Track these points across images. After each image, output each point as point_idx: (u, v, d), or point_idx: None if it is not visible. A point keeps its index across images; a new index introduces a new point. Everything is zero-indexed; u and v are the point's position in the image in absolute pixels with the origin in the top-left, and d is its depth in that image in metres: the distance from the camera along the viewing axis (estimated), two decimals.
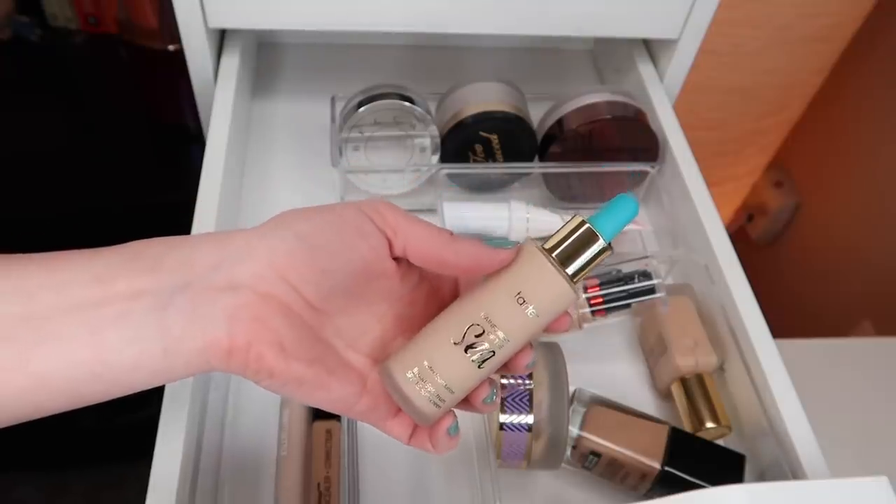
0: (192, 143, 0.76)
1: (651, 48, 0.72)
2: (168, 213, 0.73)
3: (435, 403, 0.33)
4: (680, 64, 0.69)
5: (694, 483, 0.47)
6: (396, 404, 0.34)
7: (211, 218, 0.53)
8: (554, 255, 0.33)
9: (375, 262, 0.32)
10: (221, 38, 0.67)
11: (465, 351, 0.32)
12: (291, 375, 0.30)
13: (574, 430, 0.48)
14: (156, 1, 0.95)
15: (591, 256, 0.33)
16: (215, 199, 0.55)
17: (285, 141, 0.70)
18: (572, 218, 0.33)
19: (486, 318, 0.32)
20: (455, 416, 0.34)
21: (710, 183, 0.61)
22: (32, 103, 0.97)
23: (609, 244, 0.33)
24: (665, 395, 0.55)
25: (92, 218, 0.94)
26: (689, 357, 0.53)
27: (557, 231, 0.33)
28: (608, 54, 0.80)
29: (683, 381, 0.53)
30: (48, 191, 0.92)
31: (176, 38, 0.79)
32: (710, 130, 1.14)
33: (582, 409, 0.49)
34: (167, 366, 0.29)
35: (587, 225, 0.33)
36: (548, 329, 0.34)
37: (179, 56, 0.65)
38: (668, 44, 0.68)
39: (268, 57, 0.78)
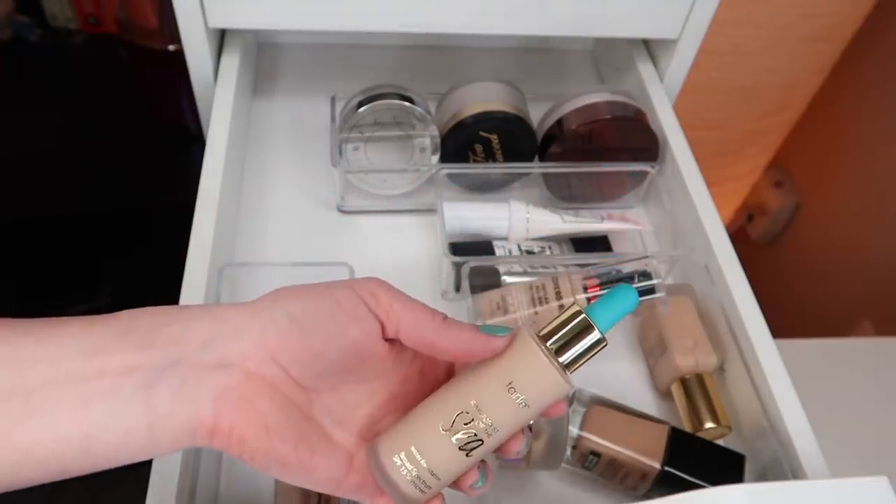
0: (192, 143, 0.76)
1: (651, 48, 0.72)
2: (168, 213, 0.73)
3: (420, 489, 0.32)
4: (680, 64, 0.69)
5: (694, 483, 0.47)
6: None
7: (211, 218, 0.53)
8: (548, 343, 0.32)
9: (368, 345, 0.32)
10: (221, 38, 0.67)
11: (453, 438, 0.32)
12: (274, 457, 0.30)
13: (574, 430, 0.48)
14: (156, 1, 0.95)
15: (585, 348, 0.32)
16: (215, 199, 0.55)
17: (285, 141, 0.70)
18: (569, 307, 0.33)
19: (475, 406, 0.32)
20: (443, 498, 0.33)
21: (710, 183, 0.61)
22: (32, 103, 0.97)
23: (604, 337, 0.32)
24: (665, 395, 0.55)
25: (92, 218, 0.94)
26: (689, 357, 0.53)
27: (553, 319, 0.33)
28: (608, 54, 0.80)
29: (683, 381, 0.53)
30: (48, 191, 0.92)
31: (176, 38, 0.80)
32: (710, 130, 1.14)
33: (582, 409, 0.49)
34: (152, 442, 0.29)
35: (583, 315, 0.32)
36: (542, 415, 0.34)
37: (179, 56, 0.65)
38: (668, 44, 0.68)
39: (268, 57, 0.78)
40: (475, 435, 0.32)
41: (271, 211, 0.64)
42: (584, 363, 0.32)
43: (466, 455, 0.32)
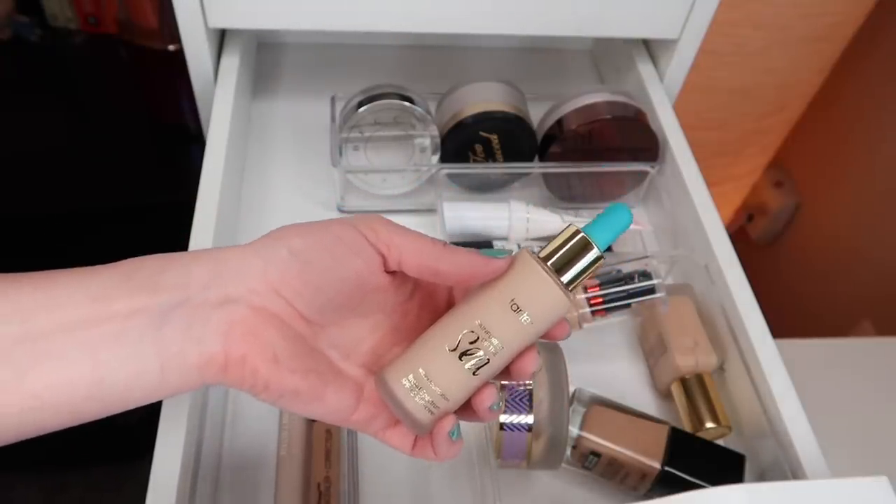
0: (192, 143, 0.76)
1: (651, 48, 0.72)
2: (168, 213, 0.73)
3: (430, 411, 0.33)
4: (680, 64, 0.69)
5: (694, 483, 0.47)
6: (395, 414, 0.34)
7: (211, 218, 0.53)
8: (549, 263, 0.33)
9: (369, 278, 0.33)
10: (221, 38, 0.67)
11: (460, 358, 0.33)
12: (286, 387, 0.31)
13: (574, 430, 0.48)
14: (156, 1, 0.95)
15: (585, 265, 0.33)
16: (215, 199, 0.55)
17: (285, 141, 0.70)
18: (567, 227, 0.34)
19: (480, 325, 0.33)
20: (455, 419, 0.34)
21: (710, 183, 0.61)
22: (32, 103, 0.97)
23: (602, 253, 0.33)
24: (665, 395, 0.55)
25: (92, 217, 0.94)
26: (689, 357, 0.53)
27: (552, 240, 0.34)
28: (608, 54, 0.80)
29: (683, 381, 0.53)
30: (48, 190, 0.92)
31: (176, 38, 0.80)
32: (710, 130, 1.14)
33: (582, 409, 0.49)
34: (163, 382, 0.30)
35: (581, 234, 0.33)
36: (546, 336, 0.34)
37: (179, 56, 0.65)
38: (668, 44, 0.68)
39: (268, 57, 0.78)
40: (482, 354, 0.33)
41: (271, 211, 0.64)
42: (583, 280, 0.33)
43: (474, 373, 0.33)
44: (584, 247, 0.33)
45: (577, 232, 0.33)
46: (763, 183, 1.39)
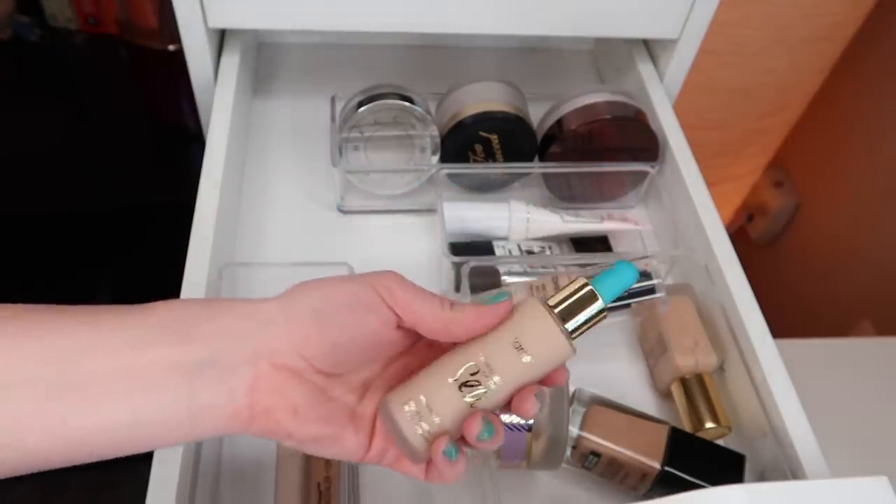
0: (192, 143, 0.76)
1: (651, 48, 0.72)
2: (168, 213, 0.73)
3: (426, 439, 0.34)
4: (680, 64, 0.69)
5: (694, 483, 0.47)
6: None
7: (211, 218, 0.53)
8: (556, 311, 0.35)
9: (384, 334, 0.35)
10: (221, 38, 0.67)
11: (460, 389, 0.34)
12: (307, 435, 0.34)
13: (574, 430, 0.48)
14: (156, 1, 0.95)
15: (589, 315, 0.35)
16: (215, 199, 0.55)
17: (285, 141, 0.70)
18: (576, 279, 0.36)
19: (483, 360, 0.34)
20: (448, 438, 0.34)
21: (710, 183, 0.61)
22: (32, 103, 0.97)
23: (607, 307, 0.35)
24: (665, 395, 0.55)
25: (92, 218, 0.94)
26: (689, 357, 0.53)
27: (561, 290, 0.36)
28: (608, 54, 0.80)
29: (683, 381, 0.53)
30: (48, 190, 0.92)
31: (176, 38, 0.80)
32: (710, 130, 1.14)
33: (582, 409, 0.49)
34: (193, 430, 0.32)
35: (589, 287, 0.35)
36: (546, 381, 0.36)
37: (179, 56, 0.65)
38: (668, 44, 0.68)
39: (268, 57, 0.78)
40: (482, 387, 0.34)
41: (271, 211, 0.64)
42: (586, 330, 0.35)
43: (472, 405, 0.34)
44: (590, 298, 0.35)
45: (585, 284, 0.35)
46: (763, 183, 1.39)
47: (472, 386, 0.34)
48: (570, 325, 0.35)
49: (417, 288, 0.36)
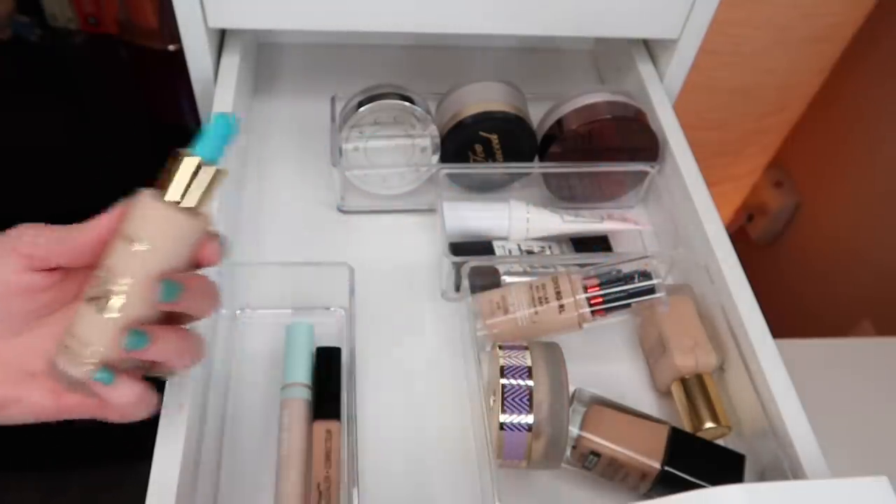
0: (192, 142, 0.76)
1: (651, 48, 0.72)
2: None
3: (87, 363, 0.33)
4: (680, 64, 0.69)
5: (694, 483, 0.47)
6: None
7: (211, 217, 0.53)
8: (168, 192, 0.34)
9: (20, 279, 0.35)
10: (221, 38, 0.67)
11: (96, 306, 0.33)
12: None
13: (574, 430, 0.48)
14: (156, 1, 0.95)
15: (205, 184, 0.35)
16: (215, 199, 0.55)
17: (285, 141, 0.70)
18: (177, 157, 0.35)
19: (106, 267, 0.33)
20: (100, 365, 0.34)
21: (710, 183, 0.61)
22: (32, 103, 0.97)
23: (213, 165, 0.35)
24: (665, 395, 0.55)
25: (91, 218, 0.94)
26: (689, 357, 0.53)
27: (171, 175, 0.35)
28: (608, 54, 0.80)
29: (683, 381, 0.53)
30: (48, 190, 0.92)
31: (176, 38, 0.79)
32: (710, 130, 1.14)
33: (582, 409, 0.49)
34: None
35: (190, 157, 0.35)
36: (197, 262, 0.35)
37: (179, 56, 0.65)
38: (668, 44, 0.68)
39: (268, 57, 0.78)
40: (114, 294, 0.33)
41: (271, 211, 0.64)
42: (209, 196, 0.35)
43: (112, 314, 0.33)
44: (194, 164, 0.35)
45: (183, 156, 0.35)
46: (763, 183, 1.39)
47: (106, 298, 0.33)
48: (193, 200, 0.34)
49: (40, 225, 0.36)
